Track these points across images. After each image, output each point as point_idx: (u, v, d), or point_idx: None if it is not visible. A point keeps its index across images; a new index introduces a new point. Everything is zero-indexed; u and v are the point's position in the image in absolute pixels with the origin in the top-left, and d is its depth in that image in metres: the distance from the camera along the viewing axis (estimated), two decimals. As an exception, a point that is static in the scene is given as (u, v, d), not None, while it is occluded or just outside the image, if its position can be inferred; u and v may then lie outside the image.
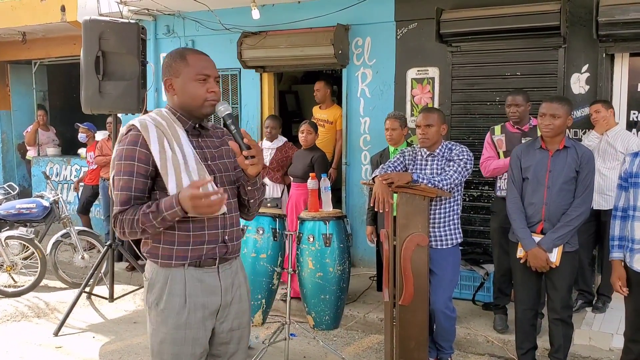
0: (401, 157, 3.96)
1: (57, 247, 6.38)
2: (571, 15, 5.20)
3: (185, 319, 2.19)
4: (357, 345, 4.70)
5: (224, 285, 2.29)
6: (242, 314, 2.36)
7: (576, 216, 3.53)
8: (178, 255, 2.20)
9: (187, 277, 2.21)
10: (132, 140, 2.15)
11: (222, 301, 2.27)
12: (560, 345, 3.71)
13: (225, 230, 2.27)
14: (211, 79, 2.24)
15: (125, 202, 2.14)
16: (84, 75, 4.90)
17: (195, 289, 2.21)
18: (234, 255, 2.34)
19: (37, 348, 4.67)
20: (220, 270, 2.28)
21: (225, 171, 2.31)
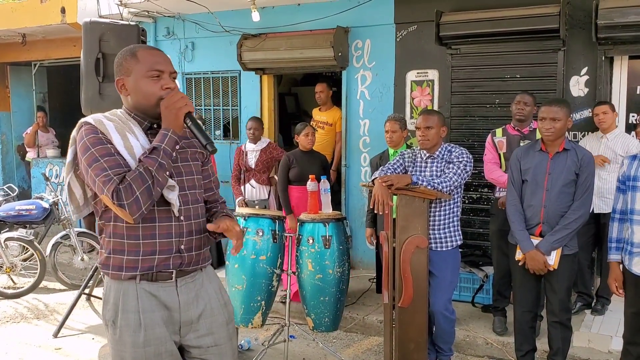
0: (401, 159, 3.97)
1: (57, 248, 6.38)
2: (570, 18, 5.21)
3: (143, 337, 2.02)
4: (357, 347, 4.70)
5: (184, 299, 2.10)
6: (217, 329, 2.17)
7: (575, 219, 3.53)
8: (128, 267, 2.03)
9: (140, 291, 2.04)
10: (90, 130, 2.00)
11: (182, 317, 2.10)
12: (559, 348, 3.72)
13: (181, 239, 2.08)
14: (165, 74, 2.07)
15: (119, 171, 1.94)
16: (84, 77, 4.90)
17: (149, 304, 2.04)
18: (196, 267, 2.15)
19: (36, 349, 4.67)
20: (178, 284, 2.10)
21: (187, 174, 2.14)
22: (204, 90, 7.45)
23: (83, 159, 1.99)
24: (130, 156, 2.00)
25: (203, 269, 2.20)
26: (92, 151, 1.96)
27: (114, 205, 1.93)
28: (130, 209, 1.92)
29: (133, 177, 1.92)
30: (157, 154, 1.96)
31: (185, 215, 2.09)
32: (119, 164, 1.96)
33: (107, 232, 2.07)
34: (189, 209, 2.10)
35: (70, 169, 2.09)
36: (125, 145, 2.01)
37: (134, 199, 1.91)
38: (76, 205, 2.14)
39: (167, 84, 2.06)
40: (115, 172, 1.94)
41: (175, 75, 2.12)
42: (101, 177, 1.93)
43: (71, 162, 2.08)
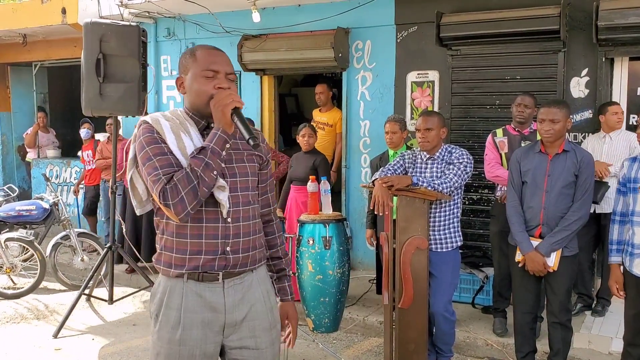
0: (401, 160, 3.97)
1: (57, 249, 6.38)
2: (571, 19, 5.21)
3: (179, 336, 2.04)
4: (357, 348, 4.70)
5: (231, 301, 2.09)
6: (260, 332, 2.15)
7: (574, 220, 3.53)
8: (176, 264, 2.05)
9: (186, 290, 2.05)
10: (147, 129, 2.05)
11: (226, 319, 2.09)
12: (559, 349, 3.71)
13: (227, 241, 2.05)
14: (220, 74, 2.06)
15: (168, 171, 1.97)
16: (84, 78, 4.90)
17: (193, 304, 2.06)
18: (244, 268, 2.11)
19: (36, 350, 4.67)
20: (225, 286, 2.09)
21: (242, 176, 2.11)
22: (205, 91, 7.43)
23: (139, 157, 2.04)
24: (182, 156, 2.02)
25: (254, 270, 2.17)
26: (147, 150, 2.01)
27: (161, 204, 1.97)
28: (175, 209, 1.95)
29: (179, 177, 1.95)
30: (204, 153, 1.97)
31: (234, 217, 2.07)
32: (170, 163, 1.99)
33: (161, 228, 2.11)
34: (238, 210, 2.08)
35: (132, 165, 2.11)
36: (178, 145, 2.03)
37: (179, 199, 1.93)
38: (139, 200, 2.16)
39: (220, 84, 2.06)
40: (164, 171, 1.97)
41: (232, 77, 2.11)
42: (152, 176, 1.98)
43: (132, 158, 2.10)
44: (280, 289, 2.33)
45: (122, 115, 5.42)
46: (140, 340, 4.84)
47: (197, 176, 1.95)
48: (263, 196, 2.27)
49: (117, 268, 6.26)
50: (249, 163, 2.16)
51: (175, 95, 7.60)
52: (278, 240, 2.33)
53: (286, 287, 2.34)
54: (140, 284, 5.95)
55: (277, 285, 2.33)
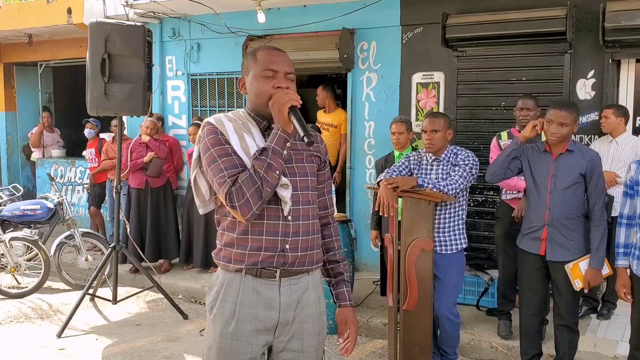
0: (406, 162, 3.95)
1: (61, 248, 6.38)
2: (577, 21, 5.19)
3: (232, 329, 2.08)
4: (361, 350, 4.68)
5: (286, 300, 2.11)
6: (307, 336, 2.15)
7: (605, 225, 3.51)
8: (236, 259, 2.09)
9: (243, 285, 2.09)
10: (211, 130, 2.09)
11: (280, 317, 2.11)
12: (565, 352, 3.70)
13: (287, 239, 2.07)
14: (280, 74, 2.08)
15: (233, 172, 2.02)
16: (89, 78, 4.91)
17: (249, 299, 2.09)
18: (302, 268, 2.12)
19: (40, 349, 4.67)
20: (282, 284, 2.11)
21: (301, 175, 2.14)
22: (209, 91, 7.46)
23: (204, 158, 2.09)
24: (246, 156, 2.06)
25: (310, 272, 2.17)
26: (212, 151, 2.06)
27: (228, 206, 2.02)
28: (242, 211, 1.99)
29: (244, 179, 1.99)
30: (266, 154, 2.01)
31: (294, 215, 2.09)
32: (234, 164, 2.03)
33: (222, 225, 2.16)
34: (298, 209, 2.10)
35: (196, 165, 2.16)
36: (242, 145, 2.07)
37: (245, 200, 1.98)
38: (202, 199, 2.19)
39: (279, 84, 2.08)
40: (229, 173, 2.01)
41: (292, 77, 2.13)
42: (218, 178, 2.03)
43: (197, 159, 2.15)
44: (339, 295, 2.30)
45: (127, 115, 5.42)
46: (144, 341, 4.84)
47: (260, 177, 1.99)
48: (321, 197, 2.27)
49: (121, 268, 6.26)
50: (308, 163, 2.18)
51: (180, 95, 7.61)
52: (335, 243, 2.31)
53: (345, 292, 2.29)
54: (144, 284, 5.95)
55: (336, 291, 2.30)
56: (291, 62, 2.15)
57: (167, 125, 7.62)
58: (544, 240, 3.62)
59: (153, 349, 4.66)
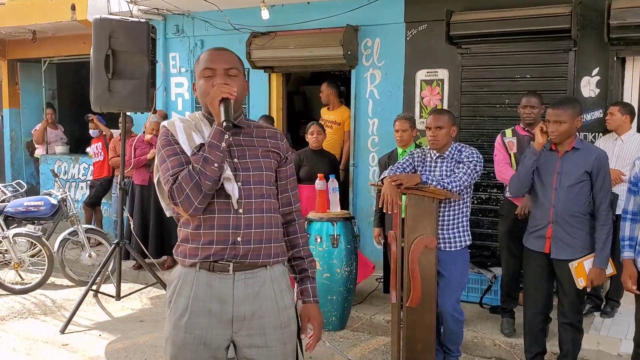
0: (410, 159, 3.95)
1: (65, 245, 6.40)
2: (582, 18, 5.17)
3: (185, 322, 2.10)
4: (364, 347, 4.68)
5: (240, 294, 2.11)
6: (268, 331, 2.14)
7: (610, 224, 3.50)
8: (190, 254, 2.12)
9: (197, 279, 2.12)
10: (163, 132, 2.18)
11: (234, 311, 2.11)
12: (568, 350, 3.69)
13: (238, 232, 2.09)
14: (219, 72, 2.12)
15: (176, 171, 2.08)
16: (93, 74, 4.91)
17: (203, 293, 2.11)
18: (256, 261, 2.13)
19: (43, 345, 4.68)
20: (236, 278, 2.11)
21: (255, 170, 2.15)
22: (213, 88, 7.44)
23: (157, 161, 2.18)
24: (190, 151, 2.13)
25: (268, 266, 2.17)
26: (162, 152, 2.14)
27: (172, 203, 2.10)
28: (183, 206, 2.05)
29: (182, 175, 2.04)
30: (203, 149, 2.05)
31: (246, 208, 2.11)
32: (180, 163, 2.09)
33: (180, 222, 2.22)
34: (250, 202, 2.12)
35: (157, 169, 2.22)
36: (189, 144, 2.12)
37: (185, 196, 2.03)
38: (166, 202, 2.23)
39: (217, 81, 2.10)
40: (174, 171, 2.08)
41: (234, 72, 2.14)
42: (164, 177, 2.11)
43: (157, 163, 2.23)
44: (303, 291, 2.30)
45: (131, 112, 5.42)
46: (147, 337, 4.84)
47: (197, 172, 2.02)
48: (284, 194, 2.28)
49: (125, 264, 6.27)
50: (264, 159, 2.19)
51: (183, 92, 7.61)
52: (300, 240, 2.31)
53: (308, 288, 2.30)
54: (148, 281, 5.95)
55: (300, 287, 2.31)
56: (235, 59, 2.18)
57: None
58: (549, 238, 3.61)
59: (156, 344, 4.67)
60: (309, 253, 2.34)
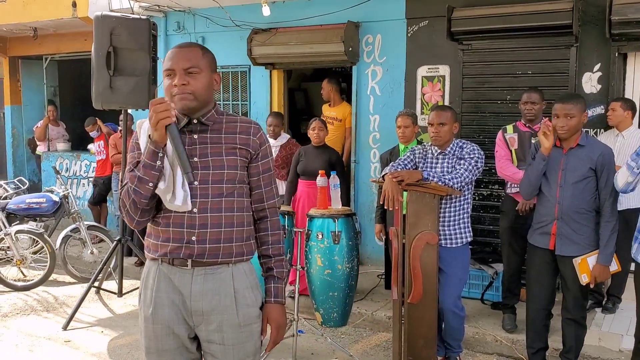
0: (411, 155, 3.95)
1: (67, 241, 6.42)
2: (583, 13, 5.16)
3: (151, 313, 2.13)
4: (365, 343, 4.69)
5: (197, 289, 2.12)
6: (227, 328, 2.13)
7: (615, 221, 3.49)
8: (153, 249, 2.16)
9: (159, 272, 2.14)
10: (133, 135, 2.22)
11: (192, 306, 2.12)
12: (572, 346, 3.70)
13: (193, 231, 2.08)
14: (177, 71, 2.07)
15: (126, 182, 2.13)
16: (94, 71, 4.91)
17: (164, 285, 2.13)
18: (215, 260, 2.12)
19: (45, 342, 4.70)
20: (195, 273, 2.12)
21: (215, 168, 2.12)
22: (214, 85, 7.44)
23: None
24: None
25: (231, 264, 2.15)
26: (128, 156, 2.20)
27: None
28: (127, 221, 2.15)
29: (123, 192, 2.11)
30: (138, 168, 2.06)
31: (201, 207, 2.09)
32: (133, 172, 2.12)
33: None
34: (206, 202, 2.10)
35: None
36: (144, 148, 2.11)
37: (126, 212, 2.12)
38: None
39: (175, 81, 2.07)
40: (124, 182, 2.13)
41: (194, 70, 2.08)
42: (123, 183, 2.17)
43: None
44: (266, 290, 2.25)
45: (132, 109, 5.43)
46: (149, 333, 4.85)
47: (133, 191, 2.06)
48: (255, 190, 2.23)
49: (127, 261, 6.29)
50: (228, 156, 2.15)
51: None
52: (270, 238, 2.26)
53: (271, 288, 2.23)
54: (149, 277, 5.96)
55: (265, 286, 2.26)
56: (197, 55, 2.11)
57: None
58: (554, 235, 3.60)
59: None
60: (278, 252, 2.27)
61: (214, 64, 2.20)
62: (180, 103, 2.08)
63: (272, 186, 2.28)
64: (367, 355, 4.45)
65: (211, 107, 2.19)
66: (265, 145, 2.23)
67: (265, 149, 2.23)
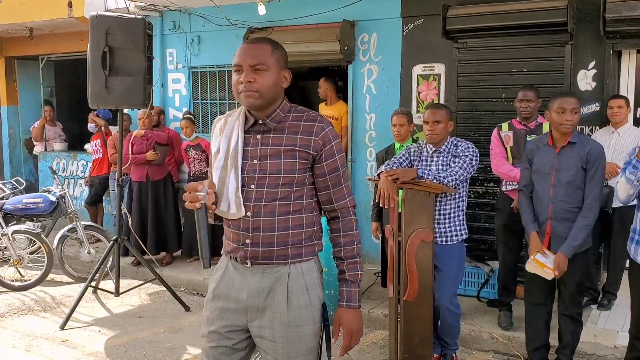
0: (407, 153, 3.96)
1: (64, 241, 6.42)
2: (578, 11, 5.17)
3: (209, 302, 2.26)
4: (362, 341, 4.69)
5: (255, 286, 2.15)
6: (277, 327, 2.14)
7: (590, 220, 3.50)
8: (224, 245, 2.28)
9: (227, 267, 2.24)
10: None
11: (248, 302, 2.16)
12: (568, 342, 3.72)
13: (247, 234, 2.13)
14: (244, 68, 2.07)
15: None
16: (90, 71, 4.92)
17: (227, 279, 2.22)
18: (270, 262, 2.13)
19: (43, 341, 4.70)
20: (255, 270, 2.16)
21: (272, 172, 2.10)
22: (210, 84, 7.46)
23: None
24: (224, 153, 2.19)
25: (291, 265, 2.15)
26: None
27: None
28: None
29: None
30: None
31: (255, 212, 2.11)
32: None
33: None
34: (260, 206, 2.11)
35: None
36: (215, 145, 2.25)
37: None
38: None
39: (242, 78, 2.08)
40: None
41: (261, 67, 2.06)
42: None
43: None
44: (340, 293, 2.22)
45: (128, 108, 5.43)
46: (146, 332, 4.87)
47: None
48: (322, 192, 2.19)
49: (124, 261, 6.29)
50: (286, 159, 2.11)
51: (180, 88, 7.61)
52: (342, 239, 2.21)
53: (343, 292, 2.19)
54: (147, 277, 5.97)
55: (339, 289, 2.22)
56: (264, 52, 2.08)
57: (168, 118, 7.64)
58: (548, 234, 3.62)
59: (155, 340, 4.69)
60: (351, 254, 2.21)
61: (283, 60, 2.15)
62: (245, 100, 2.09)
63: (342, 185, 2.21)
64: (364, 353, 4.47)
65: (278, 104, 2.16)
66: (331, 144, 2.15)
67: (331, 148, 2.15)
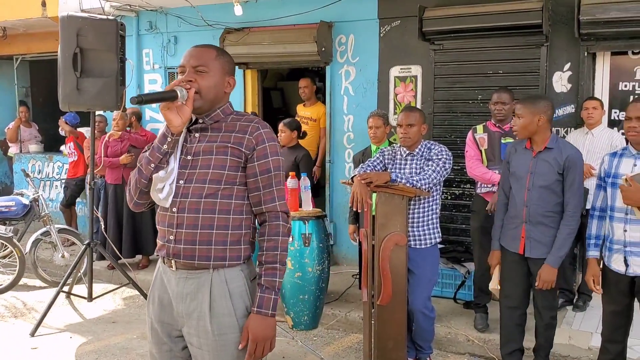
0: (381, 157, 3.94)
1: (37, 245, 6.30)
2: (553, 13, 5.19)
3: (148, 308, 2.27)
4: (337, 345, 4.67)
5: (178, 291, 2.13)
6: (202, 334, 2.11)
7: (573, 227, 3.48)
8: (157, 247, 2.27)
9: (158, 270, 2.26)
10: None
11: (174, 307, 2.16)
12: (541, 345, 3.73)
13: (172, 230, 2.09)
14: (187, 68, 2.13)
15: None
16: (61, 72, 4.83)
17: (158, 283, 2.24)
18: (192, 262, 2.08)
19: (12, 349, 4.60)
20: (178, 275, 2.12)
21: (202, 167, 2.08)
22: (187, 85, 7.37)
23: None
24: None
25: (214, 270, 2.10)
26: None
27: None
28: (127, 198, 2.27)
29: (132, 171, 2.25)
30: (149, 151, 2.18)
31: (180, 207, 2.09)
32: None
33: None
34: (185, 202, 2.09)
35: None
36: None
37: (129, 190, 2.25)
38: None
39: (184, 78, 2.12)
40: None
41: (202, 69, 2.11)
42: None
43: None
44: (253, 299, 2.14)
45: (100, 110, 5.35)
46: (119, 338, 4.79)
47: (137, 170, 2.19)
48: (252, 192, 2.14)
49: (100, 264, 6.20)
50: (217, 156, 2.09)
51: (157, 88, 7.52)
52: (265, 244, 2.13)
53: (256, 297, 2.10)
54: (122, 281, 5.88)
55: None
56: (206, 55, 2.14)
57: (145, 119, 7.54)
58: (523, 238, 3.61)
59: (128, 346, 4.62)
60: (272, 259, 2.11)
61: (228, 66, 2.22)
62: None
63: (273, 189, 2.15)
64: (339, 358, 4.43)
65: (219, 107, 2.19)
66: (265, 145, 2.12)
67: (264, 149, 2.12)
